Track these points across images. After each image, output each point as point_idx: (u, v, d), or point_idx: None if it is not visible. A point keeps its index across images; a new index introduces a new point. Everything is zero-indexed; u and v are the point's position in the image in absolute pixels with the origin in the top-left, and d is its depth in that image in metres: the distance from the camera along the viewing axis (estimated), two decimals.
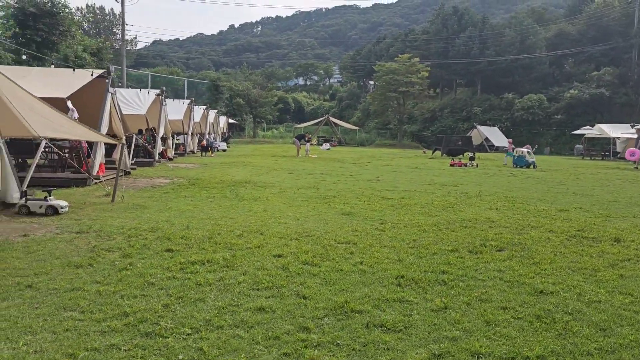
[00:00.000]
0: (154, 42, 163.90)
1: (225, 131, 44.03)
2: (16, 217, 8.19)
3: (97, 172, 13.20)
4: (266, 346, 3.71)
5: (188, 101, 26.41)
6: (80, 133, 9.83)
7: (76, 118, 11.47)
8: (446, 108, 54.62)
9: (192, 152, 27.43)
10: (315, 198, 11.16)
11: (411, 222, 8.61)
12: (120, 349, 3.58)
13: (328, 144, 39.78)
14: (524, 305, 4.70)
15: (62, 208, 8.45)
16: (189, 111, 26.15)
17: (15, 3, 24.96)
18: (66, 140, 14.34)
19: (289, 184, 13.94)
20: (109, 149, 16.49)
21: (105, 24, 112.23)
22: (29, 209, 8.35)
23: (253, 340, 3.79)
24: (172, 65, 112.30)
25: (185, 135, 26.44)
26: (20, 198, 8.44)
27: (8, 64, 21.53)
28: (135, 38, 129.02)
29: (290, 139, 47.82)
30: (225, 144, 32.87)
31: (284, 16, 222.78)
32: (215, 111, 39.36)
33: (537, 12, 68.94)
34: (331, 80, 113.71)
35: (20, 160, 13.60)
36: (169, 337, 3.78)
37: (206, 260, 5.82)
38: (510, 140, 31.35)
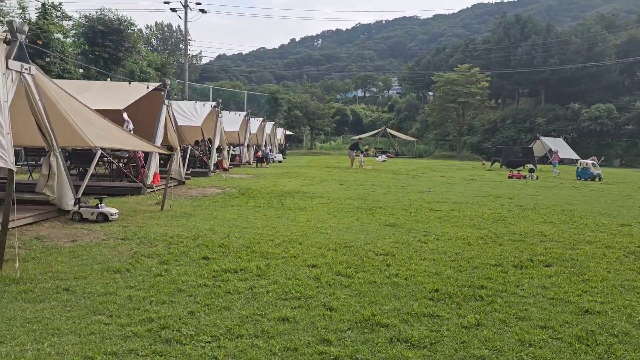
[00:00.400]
0: (218, 56, 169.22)
1: (282, 142, 44.59)
2: (69, 223, 8.55)
3: (152, 181, 13.64)
4: (283, 357, 3.63)
5: (244, 113, 26.94)
6: (133, 143, 10.19)
7: (131, 129, 11.92)
8: (508, 119, 53.00)
9: (248, 162, 27.90)
10: (361, 209, 11.02)
11: (457, 234, 8.31)
12: (138, 355, 3.60)
13: (384, 156, 39.45)
14: (565, 324, 4.39)
15: (112, 215, 8.74)
16: (245, 123, 26.66)
17: (86, 22, 26.41)
18: (123, 150, 14.95)
19: (338, 194, 13.86)
20: (166, 159, 17.05)
21: (173, 40, 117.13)
22: (81, 215, 8.70)
23: (270, 351, 3.72)
24: (235, 79, 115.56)
25: (241, 147, 26.94)
26: (74, 205, 8.80)
27: (77, 79, 22.75)
28: (200, 53, 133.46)
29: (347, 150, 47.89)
30: (281, 155, 33.25)
31: (344, 29, 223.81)
32: (273, 123, 39.98)
33: (606, 18, 65.79)
34: (390, 92, 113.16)
35: (81, 169, 14.26)
36: (187, 345, 3.78)
37: (239, 268, 5.83)
38: (557, 150, 29.98)
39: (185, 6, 38.33)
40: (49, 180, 8.64)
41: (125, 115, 11.97)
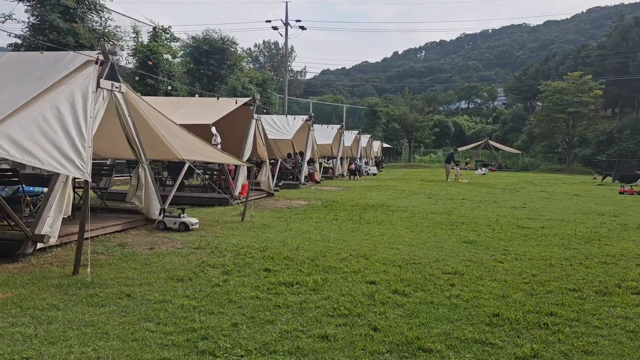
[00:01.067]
0: (323, 72, 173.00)
1: (379, 155, 44.41)
2: (153, 231, 9.05)
3: (239, 193, 14.12)
4: None
5: (338, 126, 27.18)
6: (216, 156, 10.62)
7: (218, 142, 12.44)
8: (625, 129, 48.64)
9: (342, 175, 28.03)
10: (442, 224, 10.60)
11: (539, 254, 7.70)
12: None
13: (484, 169, 37.84)
14: None
15: (192, 225, 9.14)
16: (339, 136, 26.87)
17: (193, 42, 28.18)
18: (215, 163, 15.64)
19: (423, 208, 13.46)
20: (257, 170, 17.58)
21: (279, 57, 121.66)
22: (165, 224, 9.18)
23: None
24: (338, 93, 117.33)
25: (334, 159, 27.17)
26: (159, 214, 9.32)
27: (183, 96, 24.27)
28: (304, 69, 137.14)
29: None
30: (375, 167, 33.08)
31: (448, 40, 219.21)
32: (369, 136, 39.96)
33: None
34: (495, 103, 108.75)
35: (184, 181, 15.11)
36: (219, 357, 3.80)
37: (296, 282, 5.81)
38: None
39: (286, 24, 39.61)
40: (137, 191, 9.23)
41: (213, 130, 12.54)
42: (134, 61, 23.13)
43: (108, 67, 8.18)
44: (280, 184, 19.41)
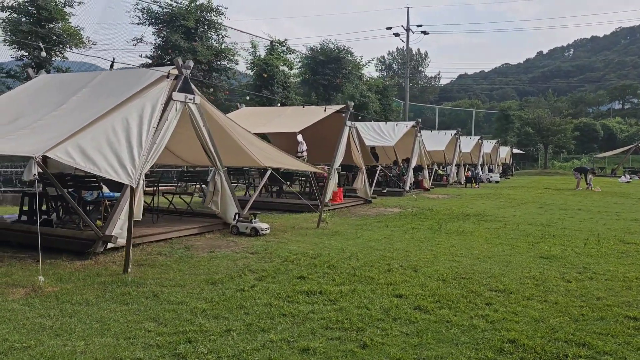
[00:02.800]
0: (460, 76, 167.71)
1: (508, 161, 41.87)
2: (227, 235, 9.45)
3: (331, 200, 14.19)
4: None
5: (453, 132, 26.15)
6: (288, 163, 10.81)
7: (304, 150, 12.64)
8: None
9: (460, 182, 26.87)
10: (531, 236, 9.69)
11: (624, 275, 6.70)
12: None
13: (629, 177, 33.77)
14: None
15: (262, 230, 9.40)
16: (454, 142, 25.84)
17: (310, 54, 29.03)
18: (312, 171, 15.92)
19: (523, 219, 12.43)
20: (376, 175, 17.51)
21: (412, 63, 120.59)
22: (238, 229, 9.55)
23: None
24: (474, 98, 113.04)
25: (449, 166, 26.16)
26: (234, 219, 9.72)
27: (296, 105, 25.12)
28: (439, 74, 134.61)
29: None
30: (497, 175, 31.19)
31: (601, 35, 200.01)
32: (495, 141, 37.83)
33: None
34: None
35: (277, 187, 15.64)
36: None
37: (320, 291, 5.69)
38: None
39: (407, 29, 39.17)
40: (214, 196, 9.72)
41: (299, 137, 12.78)
42: (252, 74, 24.43)
43: (181, 81, 8.75)
44: (385, 191, 19.17)
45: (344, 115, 14.44)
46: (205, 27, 20.94)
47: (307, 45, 31.03)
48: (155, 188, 10.58)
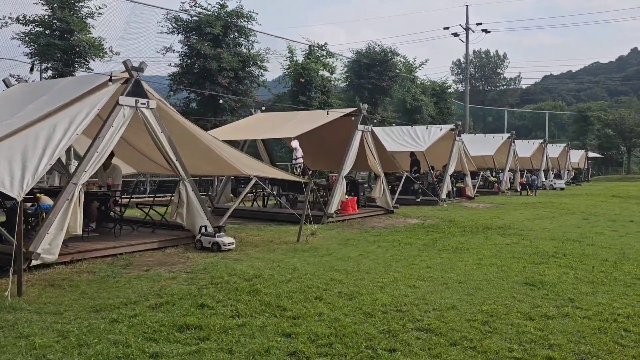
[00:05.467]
0: (545, 77, 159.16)
1: (581, 167, 38.42)
2: (188, 250, 8.67)
3: (340, 210, 13.12)
4: None
5: (507, 135, 24.08)
6: (269, 171, 9.92)
7: (299, 157, 11.67)
8: None
9: (517, 190, 24.66)
10: (536, 255, 8.16)
11: (615, 311, 5.21)
12: None
13: None
14: None
15: (225, 245, 8.54)
16: (508, 146, 23.77)
17: (354, 56, 28.02)
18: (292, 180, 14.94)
19: (549, 232, 10.74)
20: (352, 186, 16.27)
21: (490, 65, 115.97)
22: (202, 243, 8.76)
23: None
24: (560, 99, 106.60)
25: (501, 172, 24.09)
26: (198, 233, 8.94)
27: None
28: (519, 76, 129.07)
29: None
30: (563, 181, 28.40)
31: None
32: (564, 145, 34.75)
33: None
34: None
35: (292, 196, 14.74)
36: None
37: (199, 325, 4.73)
38: None
39: (467, 28, 37.10)
40: (179, 208, 9.00)
41: (293, 144, 11.83)
42: (289, 79, 23.78)
43: (131, 84, 8.14)
44: (419, 200, 17.74)
45: (353, 118, 13.36)
46: (236, 34, 20.55)
47: (353, 49, 29.91)
48: (127, 199, 10.04)
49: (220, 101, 15.29)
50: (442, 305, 5.45)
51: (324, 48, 24.96)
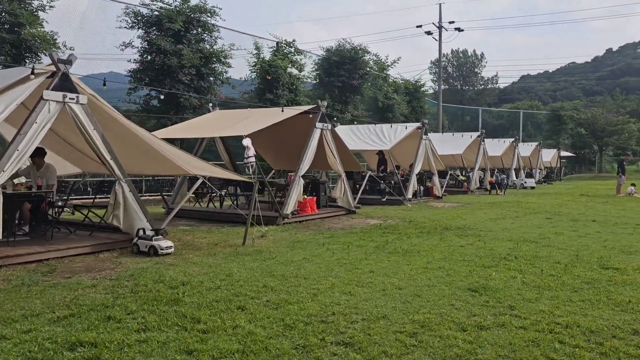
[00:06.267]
0: (522, 77, 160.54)
1: (554, 165, 38.58)
2: (124, 254, 8.16)
3: (298, 211, 12.70)
4: None
5: (476, 134, 23.89)
6: (214, 171, 9.43)
7: (250, 156, 11.19)
8: None
9: (486, 189, 24.49)
10: (488, 257, 7.82)
11: (556, 320, 4.87)
12: None
13: None
14: None
15: (162, 249, 8.04)
16: (477, 145, 23.58)
17: (324, 54, 27.59)
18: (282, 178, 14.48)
19: (508, 233, 10.45)
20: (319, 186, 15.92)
21: (468, 65, 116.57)
22: (139, 247, 8.25)
23: None
24: (536, 99, 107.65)
25: (470, 171, 23.90)
26: (136, 236, 8.43)
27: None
28: (496, 75, 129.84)
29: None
30: (533, 180, 28.35)
31: None
32: (536, 144, 34.81)
33: None
34: None
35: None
36: None
37: (88, 341, 4.26)
38: None
39: (440, 27, 36.93)
40: (114, 210, 8.48)
41: (244, 142, 11.34)
42: (255, 77, 23.25)
43: (58, 78, 7.60)
44: (384, 199, 17.40)
45: (310, 116, 12.93)
46: (199, 30, 19.97)
47: (323, 47, 29.50)
48: (64, 200, 9.48)
49: (181, 99, 14.72)
50: (373, 314, 5.05)
51: (292, 45, 24.47)
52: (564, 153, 42.43)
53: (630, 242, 9.33)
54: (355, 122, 26.00)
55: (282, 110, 12.28)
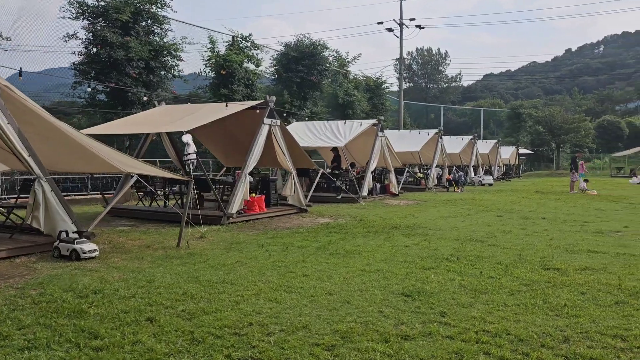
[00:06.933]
0: (485, 75, 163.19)
1: (513, 163, 39.08)
2: (44, 259, 7.56)
3: (245, 210, 12.24)
4: None
5: (434, 131, 23.83)
6: (144, 169, 8.90)
7: (191, 152, 10.67)
8: None
9: (444, 186, 24.45)
10: (431, 258, 7.53)
11: (485, 327, 4.57)
12: None
13: None
14: None
15: (84, 253, 7.47)
16: (435, 141, 23.52)
17: (283, 50, 27.09)
18: (229, 176, 13.98)
19: (457, 232, 10.23)
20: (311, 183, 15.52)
21: (432, 63, 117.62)
22: (60, 251, 7.66)
23: None
24: (499, 97, 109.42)
25: (428, 168, 23.84)
26: (57, 239, 7.82)
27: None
28: (459, 74, 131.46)
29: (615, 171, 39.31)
30: (491, 177, 28.58)
31: (633, 31, 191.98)
32: (495, 141, 35.16)
33: None
34: None
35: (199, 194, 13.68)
36: None
37: None
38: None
39: (400, 24, 36.86)
40: (34, 211, 7.85)
41: (184, 138, 10.81)
42: (210, 71, 22.57)
43: None
44: (339, 197, 17.07)
45: (257, 111, 12.47)
46: (149, 22, 19.20)
47: (282, 42, 29.01)
48: None
49: (129, 94, 13.99)
50: (294, 324, 4.66)
51: (248, 39, 23.88)
52: (522, 150, 43.06)
53: (576, 240, 9.21)
54: (318, 118, 25.70)
55: (227, 106, 11.77)
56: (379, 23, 36.64)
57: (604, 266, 7.04)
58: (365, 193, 17.38)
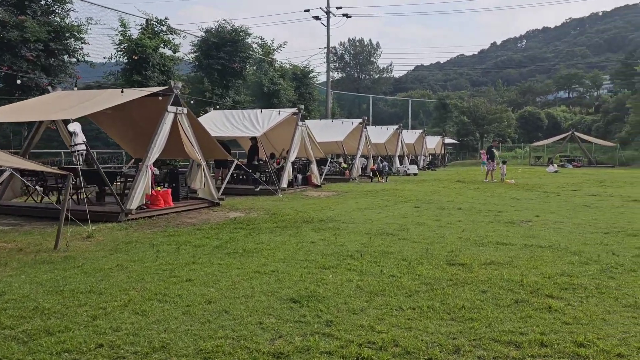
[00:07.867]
0: (416, 67, 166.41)
1: (439, 153, 39.76)
2: None
3: (147, 205, 11.30)
4: None
5: (358, 120, 23.55)
6: (24, 164, 7.86)
7: (79, 143, 9.69)
8: None
9: (369, 176, 24.25)
10: (333, 256, 7.02)
11: (371, 338, 4.06)
12: None
13: (554, 166, 32.04)
14: None
15: None
16: (359, 131, 23.25)
17: (203, 35, 25.93)
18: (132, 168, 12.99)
19: (372, 225, 9.82)
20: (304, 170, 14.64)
21: (364, 54, 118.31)
22: None
23: None
24: (429, 89, 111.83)
25: (353, 159, 23.58)
26: None
27: (190, 92, 22.17)
28: (391, 65, 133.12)
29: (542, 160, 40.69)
30: (415, 167, 28.81)
31: (552, 26, 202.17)
32: (420, 131, 35.57)
33: None
34: (600, 92, 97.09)
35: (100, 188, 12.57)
36: None
37: None
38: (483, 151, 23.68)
39: (327, 12, 36.38)
40: None
41: (71, 127, 9.81)
42: (121, 56, 21.14)
43: None
44: (257, 189, 16.37)
45: (160, 98, 11.53)
46: (49, 0, 17.60)
47: (203, 28, 27.77)
48: None
49: (18, 81, 12.56)
50: (153, 344, 3.97)
51: (164, 23, 22.58)
52: (448, 140, 43.93)
53: (487, 232, 9.02)
54: (241, 107, 24.78)
55: (122, 92, 10.75)
56: (305, 11, 35.95)
57: (510, 259, 6.78)
58: (284, 185, 16.77)
